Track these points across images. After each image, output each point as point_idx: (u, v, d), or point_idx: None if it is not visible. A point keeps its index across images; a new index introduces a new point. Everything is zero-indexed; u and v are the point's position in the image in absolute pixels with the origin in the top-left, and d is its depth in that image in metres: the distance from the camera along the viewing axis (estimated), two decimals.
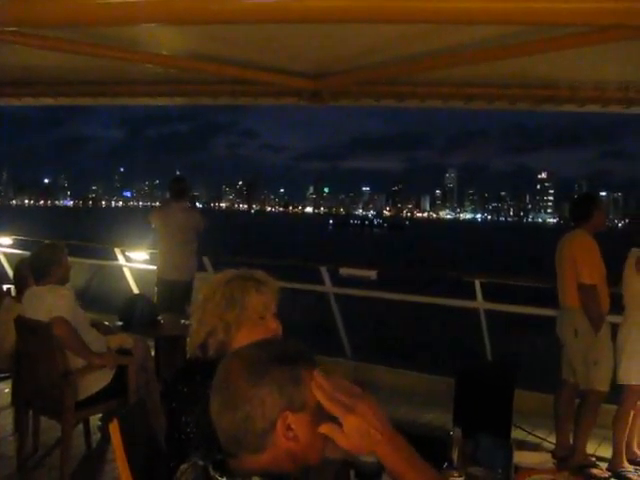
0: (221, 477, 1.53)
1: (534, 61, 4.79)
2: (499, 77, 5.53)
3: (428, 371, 7.00)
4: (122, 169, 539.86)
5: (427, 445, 2.67)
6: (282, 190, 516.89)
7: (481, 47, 4.58)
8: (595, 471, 5.11)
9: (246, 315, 2.42)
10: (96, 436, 5.26)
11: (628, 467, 5.14)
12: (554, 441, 5.47)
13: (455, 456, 2.51)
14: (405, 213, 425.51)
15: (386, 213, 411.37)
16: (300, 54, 5.03)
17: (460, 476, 2.50)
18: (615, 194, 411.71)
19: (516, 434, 5.75)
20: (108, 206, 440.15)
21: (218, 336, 2.41)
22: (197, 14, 3.14)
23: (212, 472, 1.54)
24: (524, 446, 5.41)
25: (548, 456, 3.47)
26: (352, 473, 2.50)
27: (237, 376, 1.54)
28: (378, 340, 7.88)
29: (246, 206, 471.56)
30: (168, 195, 7.67)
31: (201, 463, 1.60)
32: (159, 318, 6.30)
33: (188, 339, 2.51)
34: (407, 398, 6.51)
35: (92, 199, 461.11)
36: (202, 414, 1.97)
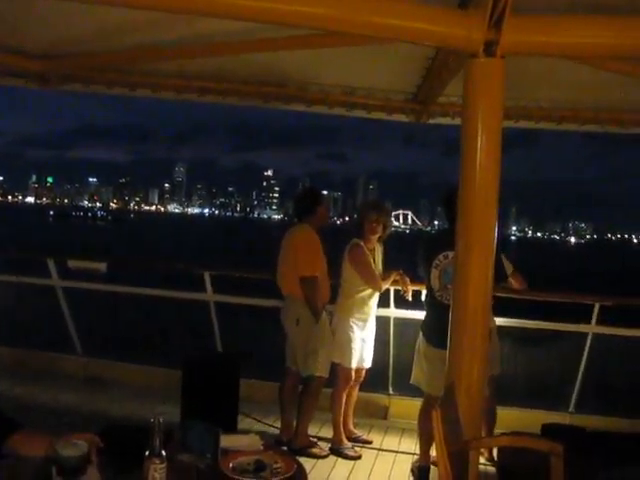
0: None
1: (265, 59, 4.96)
2: (231, 72, 5.65)
3: (160, 364, 6.92)
4: None
5: (137, 435, 2.65)
6: (1, 178, 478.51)
7: (211, 41, 4.65)
8: (315, 450, 5.44)
9: None
10: None
11: (347, 444, 5.56)
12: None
13: (157, 444, 2.51)
14: (133, 206, 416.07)
15: (113, 205, 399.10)
16: (24, 31, 4.72)
17: (162, 463, 2.51)
18: (335, 193, 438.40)
19: (246, 423, 5.91)
20: None
21: None
22: None
23: None
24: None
25: (257, 438, 3.59)
26: (54, 470, 2.40)
27: None
28: (109, 335, 7.62)
29: None
30: None
31: None
32: None
33: None
34: (140, 392, 6.41)
35: None
36: None
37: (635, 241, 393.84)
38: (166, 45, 4.87)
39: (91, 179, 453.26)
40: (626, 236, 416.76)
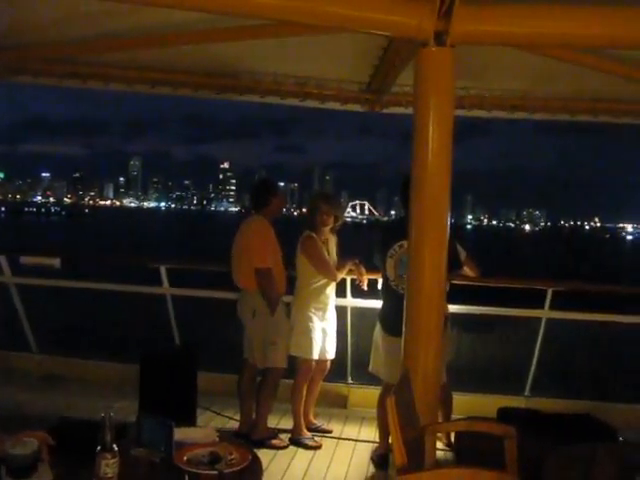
0: None
1: (218, 50, 4.93)
2: (183, 63, 5.60)
3: (118, 360, 6.86)
4: None
5: (89, 430, 2.63)
6: None
7: (163, 32, 4.62)
8: (275, 442, 5.44)
9: None
10: None
11: (307, 434, 5.58)
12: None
13: (108, 438, 2.50)
14: (87, 200, 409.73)
15: (67, 200, 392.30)
16: None
17: (114, 457, 2.50)
18: (292, 185, 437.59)
19: (205, 416, 5.90)
20: None
21: None
22: None
23: None
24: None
25: (211, 430, 3.61)
26: (3, 470, 2.38)
27: None
28: (65, 331, 7.51)
29: None
30: None
31: None
32: None
33: None
34: (97, 388, 6.33)
35: None
36: None
37: (587, 228, 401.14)
38: (117, 36, 4.81)
39: (44, 174, 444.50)
40: (578, 223, 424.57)
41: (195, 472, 2.86)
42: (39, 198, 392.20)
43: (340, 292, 6.01)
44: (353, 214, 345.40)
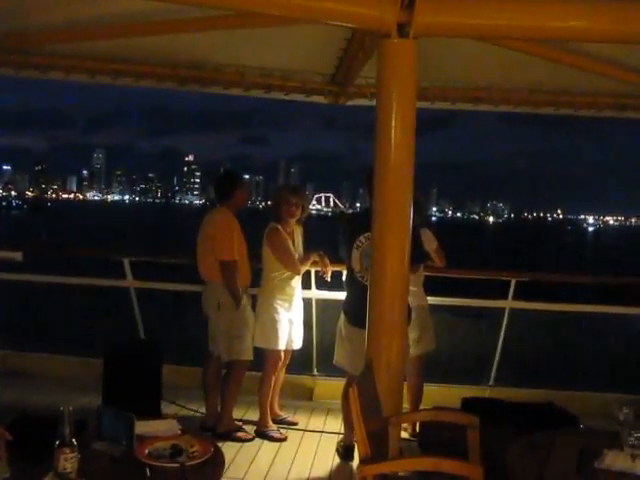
0: None
1: (180, 40, 4.88)
2: (145, 54, 5.53)
3: (82, 354, 6.78)
4: None
5: (49, 425, 2.60)
6: None
7: (124, 22, 4.56)
8: (240, 434, 5.43)
9: None
10: None
11: (272, 426, 5.58)
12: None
13: (67, 433, 2.47)
14: (50, 194, 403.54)
15: (29, 194, 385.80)
16: None
17: (73, 452, 2.48)
18: (257, 177, 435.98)
19: (170, 410, 5.85)
20: None
21: None
22: None
23: None
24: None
25: (174, 423, 3.59)
26: None
27: None
28: (28, 326, 7.40)
29: None
30: None
31: None
32: None
33: None
34: (62, 383, 6.25)
35: None
36: None
37: (550, 219, 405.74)
38: (78, 26, 4.73)
39: (5, 167, 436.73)
40: (541, 214, 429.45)
41: (156, 465, 2.85)
42: (0, 192, 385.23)
43: (305, 284, 6.00)
44: (318, 207, 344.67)
